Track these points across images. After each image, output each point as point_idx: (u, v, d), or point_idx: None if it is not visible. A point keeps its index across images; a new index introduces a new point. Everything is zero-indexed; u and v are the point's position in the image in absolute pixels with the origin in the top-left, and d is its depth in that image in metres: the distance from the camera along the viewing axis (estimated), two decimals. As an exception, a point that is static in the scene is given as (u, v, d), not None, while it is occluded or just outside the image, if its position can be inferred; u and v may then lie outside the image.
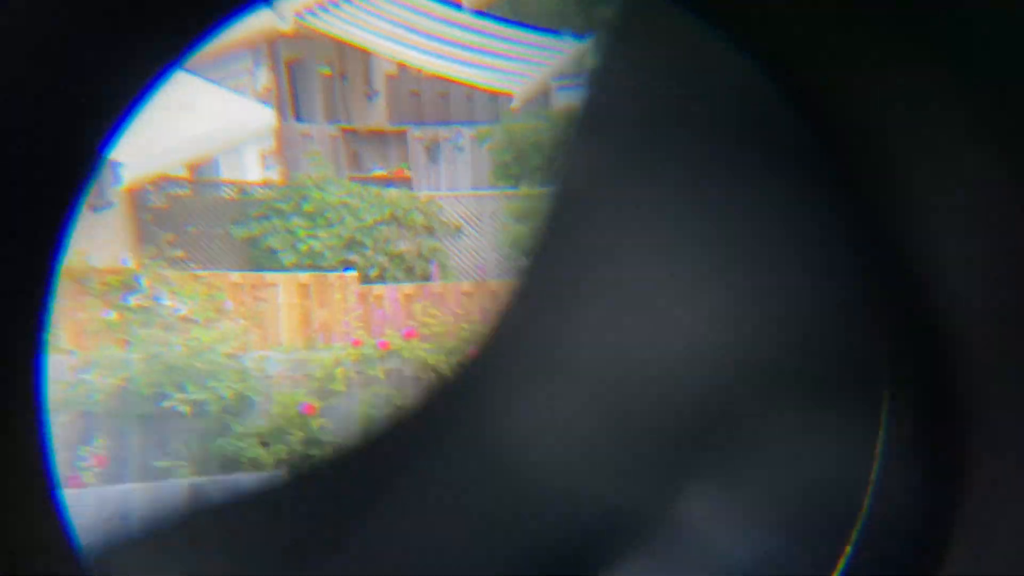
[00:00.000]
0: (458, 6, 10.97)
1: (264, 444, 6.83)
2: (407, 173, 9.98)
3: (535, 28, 11.30)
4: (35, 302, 0.79)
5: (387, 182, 9.52)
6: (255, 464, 6.90)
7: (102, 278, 7.39)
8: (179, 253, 8.06)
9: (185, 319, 7.32)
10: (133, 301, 7.37)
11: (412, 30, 10.15)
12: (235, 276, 7.91)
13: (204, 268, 8.23)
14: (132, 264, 7.92)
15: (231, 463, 6.91)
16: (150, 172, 7.81)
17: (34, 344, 0.80)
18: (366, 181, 9.03)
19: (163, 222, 8.62)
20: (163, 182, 8.64)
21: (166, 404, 6.62)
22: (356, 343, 6.89)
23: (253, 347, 7.29)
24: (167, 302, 7.42)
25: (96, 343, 7.11)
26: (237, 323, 7.34)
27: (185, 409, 6.72)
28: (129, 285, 7.48)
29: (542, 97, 10.55)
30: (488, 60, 9.86)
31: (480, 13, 11.17)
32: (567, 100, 10.43)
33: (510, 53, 10.00)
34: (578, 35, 11.65)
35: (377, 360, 6.81)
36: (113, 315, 7.31)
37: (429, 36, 10.10)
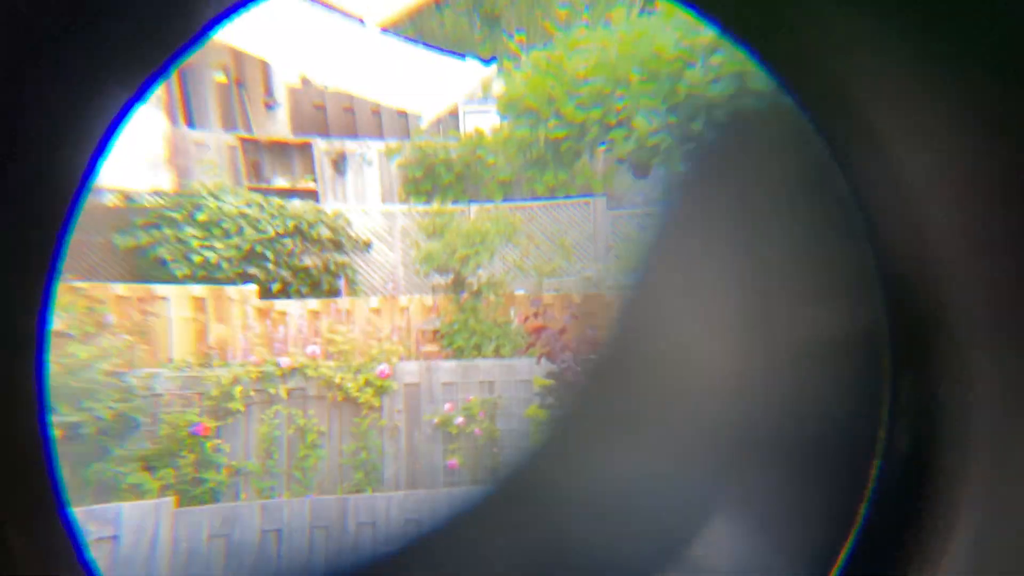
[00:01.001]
0: (360, 22, 10.88)
1: (148, 468, 6.41)
2: (313, 185, 9.73)
3: (441, 50, 11.40)
4: (34, 322, 0.82)
5: (290, 194, 9.24)
6: (136, 491, 6.46)
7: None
8: (52, 264, 7.43)
9: (59, 334, 6.77)
10: (-5, 317, 6.75)
11: (314, 43, 9.96)
12: (119, 288, 7.41)
13: (83, 279, 7.67)
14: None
15: (108, 490, 6.44)
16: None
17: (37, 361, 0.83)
18: (267, 192, 8.72)
19: (34, 230, 7.96)
20: (35, 187, 7.98)
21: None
22: (256, 361, 6.59)
23: (139, 364, 6.84)
24: (37, 317, 6.84)
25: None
26: (120, 338, 6.86)
27: (56, 433, 6.19)
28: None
29: (451, 118, 10.62)
30: (394, 78, 9.82)
31: (386, 31, 11.13)
32: (476, 122, 10.57)
33: (416, 72, 10.00)
34: (484, 60, 11.88)
35: (279, 378, 6.55)
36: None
37: (333, 51, 9.95)
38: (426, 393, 6.66)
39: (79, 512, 6.31)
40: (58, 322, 6.84)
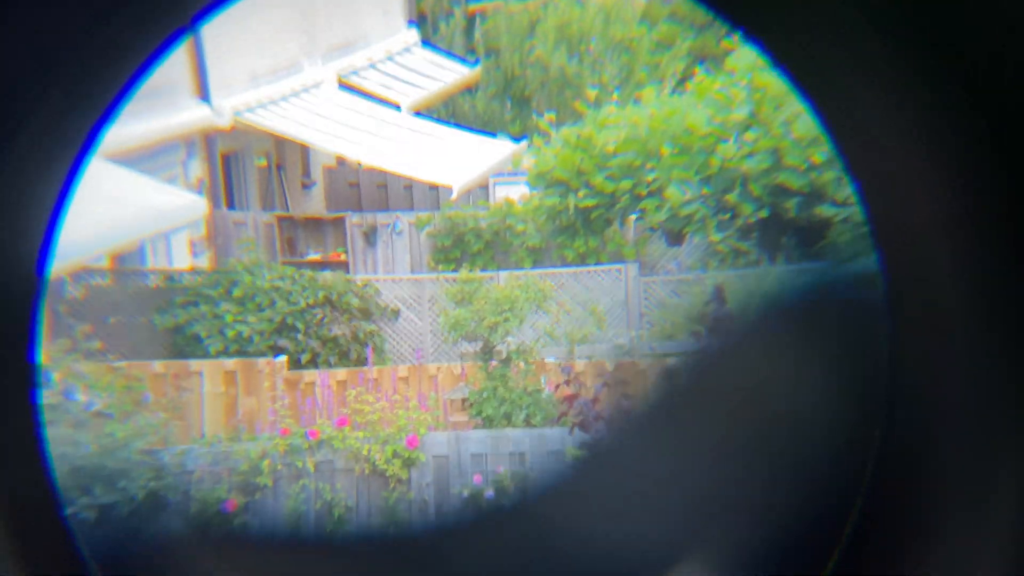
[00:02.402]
0: (396, 107, 11.33)
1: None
2: (344, 257, 9.90)
3: (472, 130, 11.77)
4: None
5: (323, 266, 9.40)
6: (167, 572, 6.33)
7: (6, 375, 6.89)
8: (97, 345, 7.62)
9: (99, 414, 6.84)
10: (41, 398, 6.86)
11: (351, 127, 10.37)
12: (157, 366, 7.51)
13: (124, 359, 7.81)
14: (42, 359, 7.43)
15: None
16: (68, 263, 7.48)
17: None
18: (301, 265, 8.88)
19: (80, 313, 8.21)
20: (82, 272, 8.29)
21: (69, 511, 6.05)
22: (284, 432, 6.52)
23: (173, 441, 6.83)
24: (79, 397, 6.94)
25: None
26: (156, 416, 6.89)
27: (91, 515, 6.15)
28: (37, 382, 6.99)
29: (480, 190, 10.82)
30: (427, 155, 10.10)
31: (419, 115, 11.57)
32: (505, 193, 10.74)
33: (448, 150, 10.29)
34: (513, 137, 12.20)
35: (306, 451, 6.45)
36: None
37: (368, 132, 10.33)
38: (455, 465, 6.46)
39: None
40: (98, 402, 6.92)
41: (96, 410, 6.84)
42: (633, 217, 9.79)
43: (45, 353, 7.56)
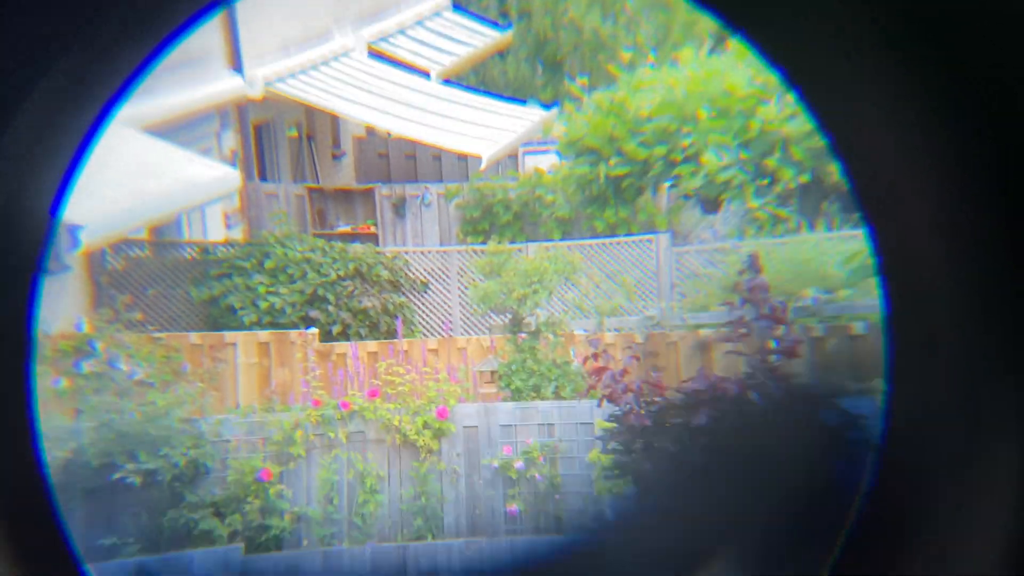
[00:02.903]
0: (426, 75, 11.21)
1: (218, 514, 6.47)
2: (373, 229, 9.92)
3: (502, 97, 11.60)
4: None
5: (353, 238, 9.43)
6: (207, 537, 6.52)
7: (54, 344, 7.10)
8: (137, 315, 7.79)
9: (140, 383, 7.01)
10: (86, 367, 7.06)
11: (381, 96, 10.30)
12: (193, 337, 7.65)
13: (163, 330, 7.98)
14: (87, 329, 7.63)
15: (182, 537, 6.52)
16: (109, 234, 7.62)
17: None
18: (331, 237, 8.92)
19: (121, 284, 8.40)
20: (122, 244, 8.45)
21: (116, 476, 6.25)
22: (316, 403, 6.61)
23: (210, 410, 6.98)
24: (122, 367, 7.12)
25: (45, 413, 6.76)
26: (194, 386, 7.04)
27: (136, 480, 6.34)
28: (83, 351, 7.18)
29: (510, 160, 10.70)
30: (455, 125, 10.00)
31: (448, 82, 11.43)
32: (535, 163, 10.60)
33: (477, 119, 10.17)
34: (544, 104, 12.00)
35: (338, 422, 6.53)
36: (64, 383, 6.98)
37: (397, 102, 10.25)
38: (484, 436, 6.49)
39: (155, 561, 6.40)
40: (140, 371, 7.09)
41: (138, 379, 7.02)
42: (666, 185, 9.58)
43: (89, 322, 7.76)
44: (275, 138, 10.81)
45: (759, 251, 6.65)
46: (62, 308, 7.86)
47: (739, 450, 4.84)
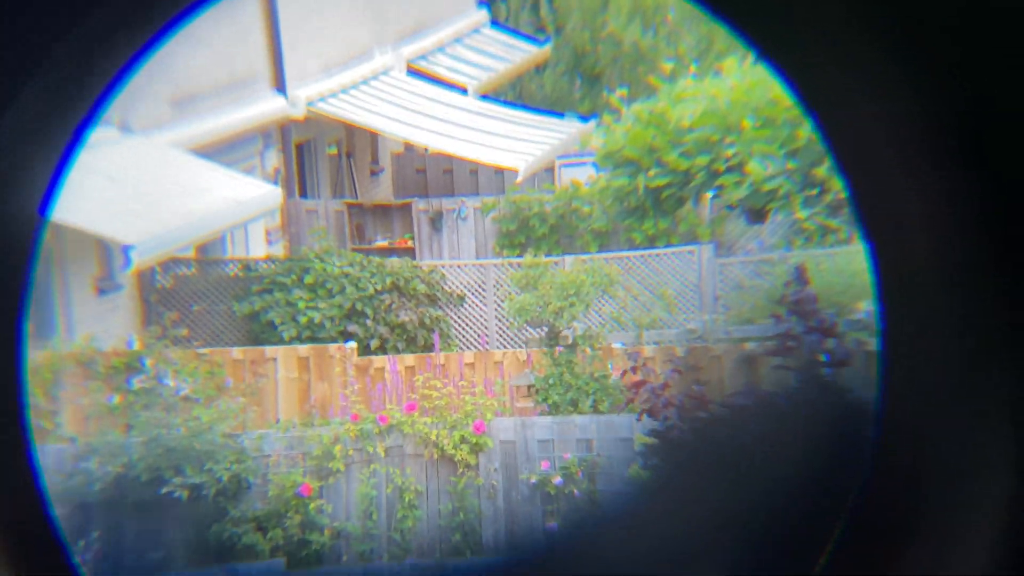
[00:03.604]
0: (463, 91, 11.28)
1: (260, 529, 6.51)
2: (410, 243, 9.98)
3: (540, 111, 11.59)
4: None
5: (390, 252, 9.49)
6: (250, 552, 6.56)
7: (107, 361, 7.30)
8: (183, 332, 7.96)
9: (186, 399, 7.14)
10: (136, 383, 7.22)
11: (419, 113, 10.40)
12: (236, 352, 7.77)
13: (207, 345, 8.12)
14: (137, 346, 7.82)
15: (226, 551, 6.57)
16: (159, 253, 7.83)
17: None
18: (369, 252, 8.99)
19: (168, 302, 8.59)
20: (170, 262, 8.65)
21: (164, 490, 6.35)
22: (355, 418, 6.62)
23: (251, 425, 7.05)
24: (170, 382, 7.26)
25: (98, 429, 6.94)
26: (236, 401, 7.13)
27: (183, 494, 6.43)
28: (133, 367, 7.35)
29: (546, 173, 10.66)
30: (492, 139, 10.02)
31: (486, 97, 11.48)
32: (571, 175, 10.54)
33: (514, 132, 10.17)
34: (582, 117, 11.95)
35: (376, 436, 6.53)
36: (116, 399, 7.16)
37: (435, 118, 10.33)
38: (522, 451, 6.41)
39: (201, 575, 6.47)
40: (185, 387, 7.23)
41: (184, 394, 7.14)
42: (709, 195, 9.41)
43: (139, 340, 7.95)
44: (316, 156, 10.99)
45: (807, 263, 6.46)
46: (115, 326, 8.07)
47: (785, 463, 4.67)
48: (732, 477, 4.78)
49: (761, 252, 9.07)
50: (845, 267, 7.70)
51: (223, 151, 9.15)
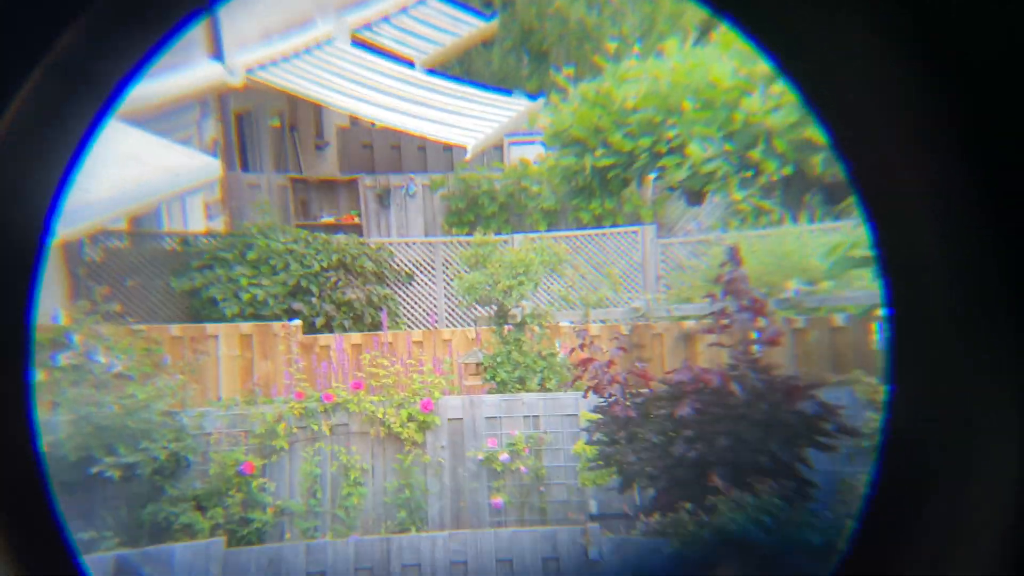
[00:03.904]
0: (411, 65, 11.09)
1: (200, 508, 6.39)
2: (357, 220, 9.83)
3: (488, 88, 11.52)
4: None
5: (336, 229, 9.34)
6: (188, 531, 6.44)
7: (30, 336, 6.94)
8: (116, 307, 7.67)
9: (120, 376, 6.90)
10: (63, 359, 6.93)
11: (364, 85, 10.19)
12: (174, 329, 7.55)
13: (142, 322, 7.86)
14: (63, 321, 7.50)
15: (162, 531, 6.43)
16: (86, 224, 7.49)
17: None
18: (314, 228, 8.83)
19: (99, 275, 8.27)
20: (99, 234, 8.31)
21: (94, 470, 6.15)
22: (299, 396, 6.54)
23: (191, 403, 6.89)
24: (101, 359, 7.00)
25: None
26: (175, 378, 6.94)
27: (115, 474, 6.25)
28: (59, 343, 7.05)
29: (495, 151, 10.64)
30: (440, 115, 9.92)
31: (433, 72, 11.33)
32: (520, 154, 10.55)
33: (462, 109, 10.09)
34: (529, 95, 11.94)
35: (321, 414, 6.47)
36: (40, 375, 6.86)
37: (381, 91, 10.15)
38: (469, 428, 6.46)
39: (135, 554, 6.30)
40: (119, 364, 6.98)
41: (117, 372, 6.91)
42: (651, 176, 9.57)
43: (66, 314, 7.62)
44: (257, 128, 10.67)
45: (739, 243, 6.66)
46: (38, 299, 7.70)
47: (720, 440, 4.85)
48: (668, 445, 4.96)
49: (699, 233, 9.30)
50: (776, 248, 7.98)
51: (156, 119, 8.79)
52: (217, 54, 9.61)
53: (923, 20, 0.76)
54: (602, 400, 5.89)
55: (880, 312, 6.74)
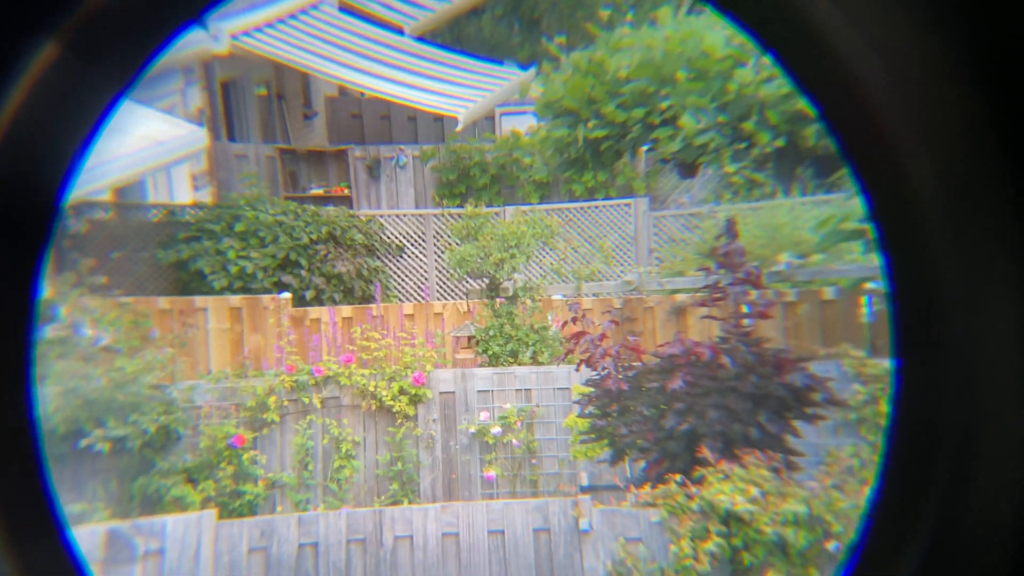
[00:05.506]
0: (400, 32, 10.89)
1: (190, 481, 6.38)
2: (347, 191, 9.71)
3: (478, 57, 11.34)
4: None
5: (325, 200, 9.23)
6: (179, 503, 6.43)
7: (15, 309, 6.85)
8: (102, 279, 7.57)
9: (107, 349, 6.84)
10: (49, 332, 6.85)
11: (353, 53, 9.99)
12: (162, 302, 7.47)
13: (129, 294, 7.78)
14: (48, 293, 7.40)
15: (153, 503, 6.43)
16: (69, 196, 7.34)
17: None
18: (303, 200, 8.72)
19: (84, 247, 8.15)
20: (83, 206, 8.17)
21: (83, 443, 6.12)
22: (290, 369, 6.51)
23: (181, 376, 6.84)
24: (87, 332, 6.93)
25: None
26: (163, 351, 6.88)
27: (104, 447, 6.22)
28: (45, 316, 6.96)
29: (487, 121, 10.51)
30: (431, 84, 9.76)
31: (423, 40, 11.13)
32: (512, 124, 10.43)
33: (453, 78, 9.93)
34: (521, 65, 11.77)
35: (312, 387, 6.44)
36: (25, 348, 6.77)
37: (370, 59, 9.96)
38: (461, 402, 6.46)
39: (127, 526, 6.30)
40: (106, 337, 6.91)
41: (104, 345, 6.84)
42: (644, 148, 9.49)
43: (51, 287, 7.53)
44: (243, 96, 10.48)
45: (735, 216, 6.64)
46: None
47: (711, 412, 4.86)
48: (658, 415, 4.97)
49: (692, 206, 9.26)
50: (768, 221, 7.96)
51: (139, 88, 8.61)
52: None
53: None
54: (594, 373, 5.89)
55: (869, 285, 6.76)
